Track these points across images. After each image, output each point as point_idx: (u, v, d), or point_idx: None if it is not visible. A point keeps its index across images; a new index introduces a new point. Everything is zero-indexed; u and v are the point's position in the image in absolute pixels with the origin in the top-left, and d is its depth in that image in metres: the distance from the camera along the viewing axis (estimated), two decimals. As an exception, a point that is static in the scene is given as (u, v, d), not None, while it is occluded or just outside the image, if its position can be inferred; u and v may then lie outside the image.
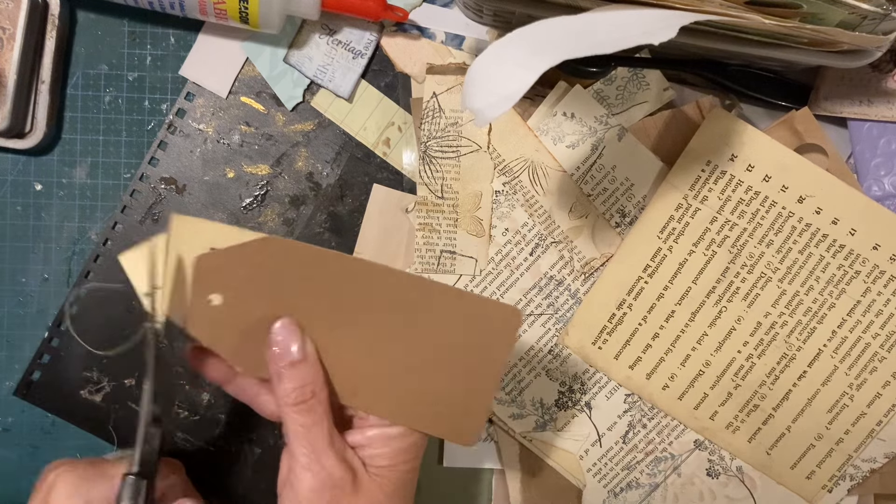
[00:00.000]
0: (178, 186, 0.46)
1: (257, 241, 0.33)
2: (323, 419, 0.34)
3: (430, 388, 0.35)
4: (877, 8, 0.34)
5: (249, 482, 0.47)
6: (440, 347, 0.34)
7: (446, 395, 0.35)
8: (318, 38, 0.46)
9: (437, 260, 0.45)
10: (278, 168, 0.46)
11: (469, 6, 0.40)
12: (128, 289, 0.35)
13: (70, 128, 0.46)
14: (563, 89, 0.44)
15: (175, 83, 0.46)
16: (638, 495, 0.46)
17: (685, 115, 0.44)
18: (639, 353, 0.45)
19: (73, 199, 0.47)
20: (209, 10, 0.42)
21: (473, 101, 0.30)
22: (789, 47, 0.37)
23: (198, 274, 0.33)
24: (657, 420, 0.45)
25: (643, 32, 0.29)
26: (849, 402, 0.44)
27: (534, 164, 0.45)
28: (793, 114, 0.43)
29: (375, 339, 0.34)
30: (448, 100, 0.45)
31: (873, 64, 0.40)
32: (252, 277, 0.34)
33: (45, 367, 0.46)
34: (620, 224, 0.45)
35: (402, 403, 0.35)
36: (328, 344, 0.34)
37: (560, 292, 0.45)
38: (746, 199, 0.43)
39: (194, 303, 0.34)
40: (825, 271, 0.43)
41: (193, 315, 0.34)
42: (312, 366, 0.34)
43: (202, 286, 0.34)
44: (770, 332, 0.44)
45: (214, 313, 0.34)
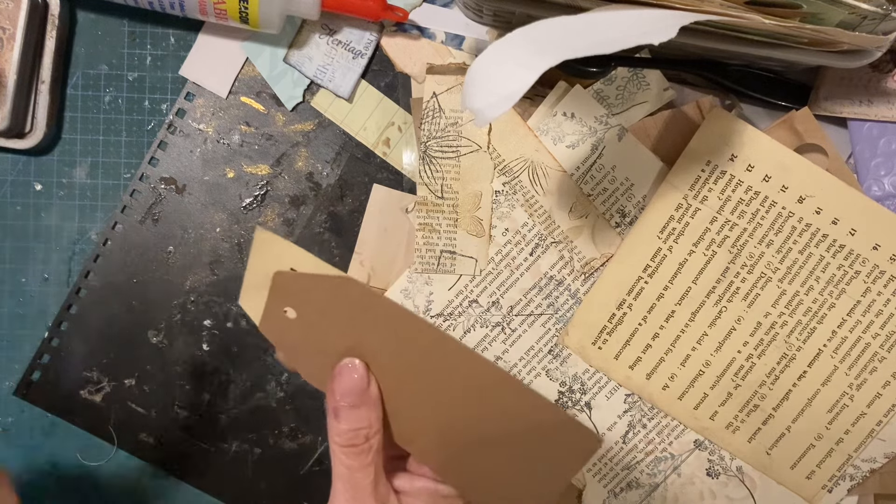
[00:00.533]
0: (178, 186, 0.46)
1: (338, 278, 0.32)
2: (370, 465, 0.33)
3: (487, 463, 0.34)
4: (877, 8, 0.34)
5: (249, 482, 0.47)
6: (508, 434, 0.33)
7: (502, 479, 0.34)
8: (318, 38, 0.46)
9: (437, 260, 0.45)
10: (278, 168, 0.46)
11: (469, 6, 0.40)
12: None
13: (70, 128, 0.46)
14: (563, 89, 0.44)
15: (175, 83, 0.46)
16: (638, 495, 0.46)
17: (685, 115, 0.44)
18: (639, 353, 0.45)
19: (73, 199, 0.47)
20: (209, 10, 0.42)
21: (473, 101, 0.30)
22: (789, 47, 0.37)
23: (276, 285, 0.33)
24: (657, 420, 0.45)
25: (643, 32, 0.29)
26: (849, 402, 0.44)
27: (534, 164, 0.45)
28: (793, 114, 0.43)
29: (443, 401, 0.33)
30: (448, 100, 0.45)
31: (873, 64, 0.39)
32: (327, 309, 0.33)
33: (45, 367, 0.46)
34: (620, 224, 0.45)
35: (458, 467, 0.34)
36: (392, 387, 0.34)
37: (560, 292, 0.45)
38: (746, 199, 0.43)
39: (269, 307, 0.34)
40: (825, 271, 0.43)
41: (266, 317, 0.34)
42: (372, 411, 0.33)
43: (279, 297, 0.33)
44: (770, 332, 0.44)
45: (287, 323, 0.34)
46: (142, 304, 0.47)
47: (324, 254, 0.47)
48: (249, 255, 0.34)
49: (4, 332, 0.47)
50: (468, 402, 0.33)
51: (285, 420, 0.47)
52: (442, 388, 0.33)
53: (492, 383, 0.32)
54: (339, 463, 0.33)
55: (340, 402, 0.33)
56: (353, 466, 0.33)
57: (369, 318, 0.33)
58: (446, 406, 0.33)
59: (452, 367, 0.32)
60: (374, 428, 0.33)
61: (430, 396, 0.33)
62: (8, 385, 0.47)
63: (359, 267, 0.46)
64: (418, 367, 0.33)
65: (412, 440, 0.35)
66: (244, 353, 0.47)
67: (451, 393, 0.33)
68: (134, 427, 0.47)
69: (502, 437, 0.33)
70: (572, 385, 0.45)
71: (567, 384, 0.45)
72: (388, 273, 0.46)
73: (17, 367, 0.47)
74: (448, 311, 0.45)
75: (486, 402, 0.33)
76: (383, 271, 0.46)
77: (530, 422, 0.32)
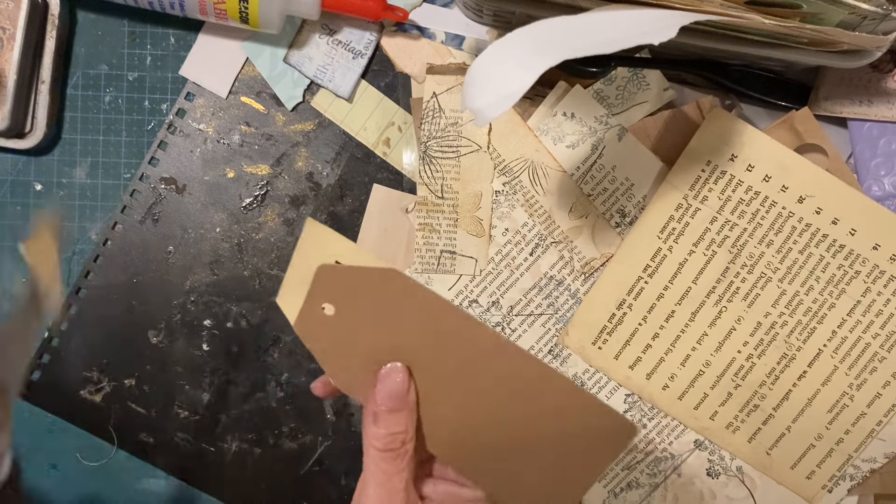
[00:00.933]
0: (178, 186, 0.46)
1: (383, 270, 0.32)
2: (405, 470, 0.33)
3: (518, 464, 0.34)
4: (877, 8, 0.34)
5: (249, 482, 0.47)
6: (541, 432, 0.33)
7: (533, 478, 0.34)
8: (318, 38, 0.46)
9: (437, 260, 0.45)
10: (278, 168, 0.46)
11: (469, 6, 0.40)
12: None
13: (70, 128, 0.46)
14: (563, 89, 0.44)
15: (175, 83, 0.46)
16: (638, 495, 0.46)
17: (685, 115, 0.44)
18: (639, 353, 0.45)
19: (73, 199, 0.47)
20: (209, 10, 0.42)
21: (473, 101, 0.30)
22: (789, 47, 0.37)
23: (318, 280, 0.33)
24: (657, 420, 0.45)
25: (643, 32, 0.29)
26: (849, 402, 0.44)
27: (534, 164, 0.45)
28: (793, 114, 0.43)
29: (476, 401, 0.33)
30: (448, 100, 0.45)
31: (873, 64, 0.39)
32: (369, 303, 0.33)
33: (45, 367, 0.46)
34: (620, 224, 0.45)
35: (485, 468, 0.34)
36: (426, 390, 0.33)
37: (560, 292, 0.45)
38: (746, 199, 0.43)
39: (307, 304, 0.33)
40: (825, 271, 0.43)
41: (303, 315, 0.34)
42: (410, 415, 0.33)
43: (319, 292, 0.33)
44: (770, 332, 0.44)
45: (324, 321, 0.34)
46: (142, 304, 0.47)
47: (324, 254, 0.47)
48: (295, 249, 0.33)
49: (4, 332, 0.47)
50: (501, 400, 0.33)
51: (285, 420, 0.47)
52: (476, 386, 0.33)
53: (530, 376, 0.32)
54: (375, 467, 0.33)
55: (381, 405, 0.33)
56: (390, 471, 0.33)
57: (409, 314, 0.32)
58: (479, 405, 0.33)
59: (489, 362, 0.32)
60: (409, 433, 0.33)
61: (463, 396, 0.33)
62: (8, 385, 0.47)
63: (359, 267, 0.46)
64: (454, 365, 0.33)
65: (441, 442, 0.34)
66: (244, 353, 0.47)
67: (485, 391, 0.33)
68: (134, 427, 0.47)
69: (536, 433, 0.33)
70: (572, 385, 0.45)
71: (567, 384, 0.45)
72: (388, 273, 0.46)
73: (17, 367, 0.47)
74: (448, 311, 0.45)
75: (522, 397, 0.32)
76: (383, 271, 0.46)
77: (565, 414, 0.32)
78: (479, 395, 0.33)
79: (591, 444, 0.32)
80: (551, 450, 0.33)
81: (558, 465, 0.33)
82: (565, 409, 0.32)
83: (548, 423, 0.32)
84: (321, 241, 0.33)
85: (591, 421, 0.32)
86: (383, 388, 0.33)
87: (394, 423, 0.33)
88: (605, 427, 0.32)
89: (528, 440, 0.33)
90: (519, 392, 0.32)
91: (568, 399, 0.32)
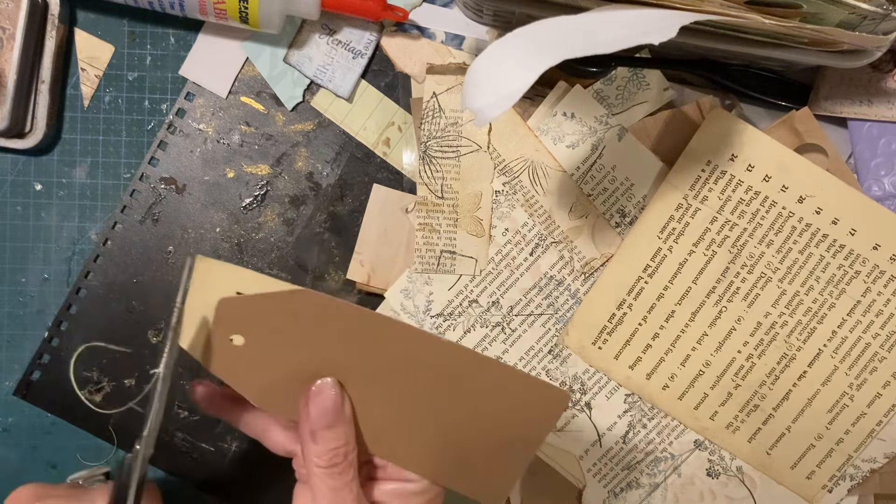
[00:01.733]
0: (178, 186, 0.46)
1: (289, 292, 0.32)
2: (352, 482, 0.33)
3: (460, 448, 0.34)
4: (877, 8, 0.34)
5: (250, 482, 0.47)
6: (478, 413, 0.33)
7: (476, 458, 0.34)
8: (318, 38, 0.46)
9: (437, 260, 0.45)
10: (278, 168, 0.46)
11: (469, 6, 0.40)
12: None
13: (70, 128, 0.46)
14: (563, 89, 0.44)
15: (175, 83, 0.46)
16: (638, 495, 0.46)
17: (685, 115, 0.44)
18: (639, 353, 0.45)
19: (73, 199, 0.47)
20: (209, 10, 0.42)
21: (473, 101, 0.30)
22: (789, 47, 0.37)
23: (221, 314, 0.33)
24: (657, 420, 0.45)
25: (643, 32, 0.29)
26: (849, 402, 0.44)
27: (534, 164, 0.45)
28: (793, 114, 0.43)
29: (408, 396, 0.33)
30: (448, 100, 0.45)
31: (873, 64, 0.40)
32: (282, 326, 0.33)
33: (45, 367, 0.46)
34: (620, 224, 0.45)
35: (428, 457, 0.34)
36: (359, 396, 0.34)
37: (560, 292, 0.45)
38: (746, 199, 0.43)
39: (215, 341, 0.33)
40: (825, 271, 0.43)
41: (213, 353, 0.34)
42: (348, 427, 0.33)
43: (225, 326, 0.33)
44: (770, 332, 0.44)
45: (236, 353, 0.33)
46: (142, 304, 0.46)
47: (324, 254, 0.47)
48: (189, 290, 0.32)
49: (4, 332, 0.47)
50: (435, 390, 0.33)
51: (285, 420, 0.47)
52: (408, 382, 0.33)
53: (458, 365, 0.32)
54: (322, 485, 0.33)
55: (317, 423, 0.33)
56: (336, 486, 0.33)
57: (328, 327, 0.32)
58: (414, 400, 0.33)
59: (418, 357, 0.32)
60: (350, 444, 0.33)
61: (395, 396, 0.33)
62: (8, 385, 0.47)
63: (359, 267, 0.46)
64: (383, 367, 0.33)
65: (378, 440, 0.35)
66: (244, 353, 0.47)
67: (418, 385, 0.33)
68: (134, 427, 0.47)
69: (474, 416, 0.33)
70: (572, 385, 0.45)
71: (567, 384, 0.45)
72: (388, 273, 0.46)
73: (17, 367, 0.47)
74: (448, 311, 0.45)
75: (455, 385, 0.33)
76: (383, 271, 0.46)
77: (499, 393, 0.33)
78: (412, 390, 0.33)
79: (528, 417, 0.33)
80: (490, 429, 0.34)
81: (499, 443, 0.34)
82: (498, 389, 0.33)
83: (483, 405, 0.33)
84: (216, 276, 0.32)
85: (524, 395, 0.33)
86: (316, 405, 0.33)
87: (332, 439, 0.33)
88: (539, 399, 0.32)
89: (467, 424, 0.34)
90: (451, 380, 0.33)
91: (498, 378, 0.32)
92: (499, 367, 0.33)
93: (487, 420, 0.33)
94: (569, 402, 0.34)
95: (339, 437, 0.33)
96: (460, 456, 0.34)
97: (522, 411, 0.33)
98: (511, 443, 0.34)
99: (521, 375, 0.33)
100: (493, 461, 0.34)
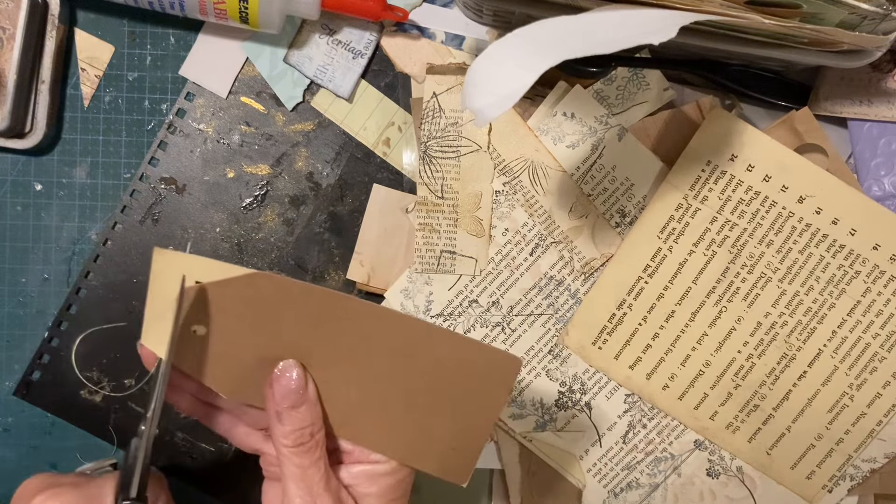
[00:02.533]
0: (178, 186, 0.46)
1: (248, 276, 0.32)
2: (320, 461, 0.34)
3: (423, 425, 0.35)
4: (877, 8, 0.34)
5: (249, 482, 0.47)
6: (436, 388, 0.34)
7: (439, 434, 0.35)
8: (318, 38, 0.46)
9: (437, 260, 0.45)
10: (278, 168, 0.46)
11: (469, 6, 0.40)
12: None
13: (70, 128, 0.46)
14: (563, 89, 0.44)
15: (175, 83, 0.46)
16: (638, 495, 0.46)
17: (685, 115, 0.44)
18: (639, 353, 0.45)
19: (73, 199, 0.47)
20: (209, 10, 0.42)
21: (473, 101, 0.30)
22: (789, 47, 0.37)
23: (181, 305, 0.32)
24: (657, 420, 0.45)
25: (643, 32, 0.29)
26: (849, 402, 0.44)
27: (534, 164, 0.45)
28: (793, 114, 0.43)
29: (369, 376, 0.34)
30: (448, 100, 0.45)
31: (873, 64, 0.39)
32: (243, 312, 0.33)
33: (45, 367, 0.46)
34: (620, 224, 0.45)
35: (394, 438, 0.35)
36: (320, 378, 0.34)
37: (560, 292, 0.45)
38: (746, 199, 0.43)
39: (178, 332, 0.33)
40: (825, 271, 0.43)
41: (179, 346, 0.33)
42: (313, 407, 0.34)
43: (187, 317, 0.33)
44: (770, 332, 0.44)
45: (199, 344, 0.34)
46: (142, 304, 0.46)
47: (324, 254, 0.47)
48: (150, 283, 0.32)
49: (4, 332, 0.47)
50: (391, 367, 0.33)
51: (285, 420, 0.47)
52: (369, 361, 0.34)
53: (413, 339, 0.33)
54: (289, 464, 0.33)
55: (281, 405, 0.33)
56: (303, 464, 0.33)
57: (289, 310, 0.33)
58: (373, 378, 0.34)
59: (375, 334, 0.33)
60: (317, 424, 0.34)
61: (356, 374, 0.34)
62: (8, 385, 0.47)
63: (359, 267, 0.46)
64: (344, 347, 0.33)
65: (344, 423, 0.35)
66: (244, 353, 0.47)
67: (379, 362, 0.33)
68: (134, 427, 0.47)
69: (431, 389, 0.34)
70: (572, 385, 0.45)
71: (567, 384, 0.45)
72: (388, 273, 0.46)
73: (17, 367, 0.47)
74: (448, 310, 0.45)
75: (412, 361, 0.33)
76: (383, 271, 0.46)
77: (452, 363, 0.33)
78: (372, 369, 0.34)
79: (484, 386, 0.33)
80: (449, 403, 0.34)
81: (459, 416, 0.34)
82: (452, 360, 0.33)
83: (440, 379, 0.33)
84: (175, 268, 0.32)
85: (478, 364, 0.33)
86: (280, 387, 0.34)
87: (298, 419, 0.33)
88: (492, 367, 0.33)
89: (427, 400, 0.34)
90: (407, 357, 0.33)
91: (452, 349, 0.33)
92: (450, 336, 0.33)
93: (445, 394, 0.34)
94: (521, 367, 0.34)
95: (305, 417, 0.33)
96: (424, 435, 0.35)
97: (478, 382, 0.33)
98: (470, 415, 0.34)
99: (472, 344, 0.34)
100: (456, 437, 0.35)
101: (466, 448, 0.35)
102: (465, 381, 0.34)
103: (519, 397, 0.45)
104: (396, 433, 0.35)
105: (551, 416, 0.46)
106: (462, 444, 0.35)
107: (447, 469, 0.36)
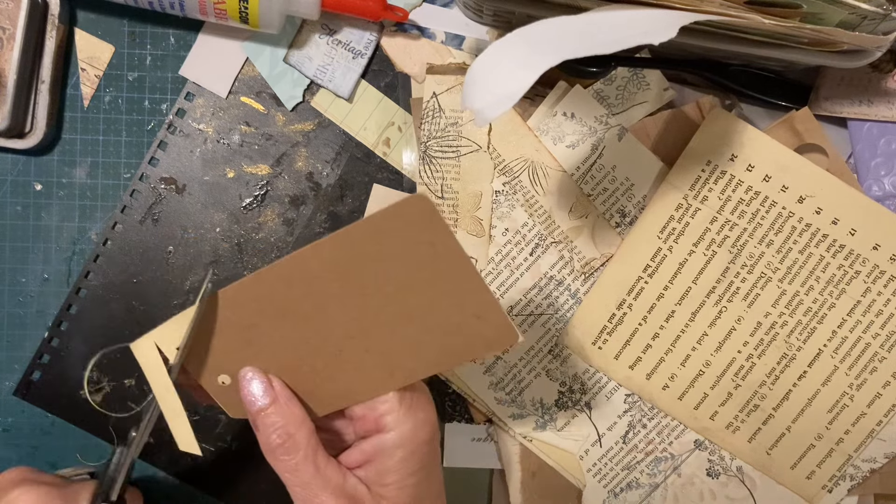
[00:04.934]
0: (178, 186, 0.46)
1: (196, 312, 0.33)
2: (308, 456, 0.33)
3: (424, 328, 0.32)
4: (877, 8, 0.34)
5: (250, 482, 0.47)
6: (400, 285, 0.30)
7: (445, 323, 0.31)
8: (318, 38, 0.46)
9: (437, 260, 0.45)
10: (278, 168, 0.46)
11: (469, 6, 0.40)
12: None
13: (70, 128, 0.46)
14: (563, 89, 0.44)
15: (175, 83, 0.46)
16: (638, 495, 0.46)
17: (685, 115, 0.44)
18: (639, 353, 0.45)
19: (73, 199, 0.47)
20: (209, 10, 0.42)
21: (473, 101, 0.30)
22: (789, 47, 0.37)
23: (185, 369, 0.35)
24: (657, 420, 0.45)
25: (643, 32, 0.29)
26: (849, 402, 0.44)
27: (534, 164, 0.45)
28: (793, 114, 0.43)
29: (333, 327, 0.32)
30: (448, 100, 0.45)
31: (873, 64, 0.40)
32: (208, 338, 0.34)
33: (45, 367, 0.46)
34: (620, 224, 0.45)
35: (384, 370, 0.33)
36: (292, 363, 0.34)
37: (560, 292, 0.45)
38: (746, 199, 0.43)
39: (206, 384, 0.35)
40: (825, 271, 0.43)
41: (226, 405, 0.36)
42: (283, 406, 0.34)
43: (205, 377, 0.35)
44: (770, 332, 0.44)
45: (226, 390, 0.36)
46: (142, 304, 0.46)
47: (324, 254, 0.47)
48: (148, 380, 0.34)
49: (4, 332, 0.47)
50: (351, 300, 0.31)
51: (285, 420, 0.47)
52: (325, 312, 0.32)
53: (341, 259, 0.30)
54: (280, 465, 0.34)
55: (251, 411, 0.34)
56: (291, 464, 0.33)
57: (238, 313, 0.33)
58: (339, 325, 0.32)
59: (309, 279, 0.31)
60: (292, 423, 0.33)
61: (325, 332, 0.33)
62: (8, 385, 0.47)
63: (359, 267, 0.46)
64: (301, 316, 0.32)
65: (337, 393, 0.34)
66: (244, 353, 0.47)
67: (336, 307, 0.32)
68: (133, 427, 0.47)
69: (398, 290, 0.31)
70: (572, 385, 0.45)
71: (567, 384, 0.45)
72: (388, 273, 0.46)
73: (17, 367, 0.47)
74: (448, 311, 0.45)
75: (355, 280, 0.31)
76: (383, 271, 0.46)
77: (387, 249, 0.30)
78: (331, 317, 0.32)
79: (425, 247, 0.29)
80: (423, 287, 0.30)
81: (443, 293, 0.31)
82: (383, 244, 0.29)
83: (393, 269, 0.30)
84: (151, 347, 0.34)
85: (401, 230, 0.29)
86: (244, 396, 0.34)
87: (269, 422, 0.33)
88: (412, 220, 0.29)
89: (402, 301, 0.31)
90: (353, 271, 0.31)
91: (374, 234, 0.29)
92: (357, 227, 0.29)
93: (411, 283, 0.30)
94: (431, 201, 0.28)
95: (276, 419, 0.33)
96: (430, 336, 0.32)
97: (417, 248, 0.29)
98: (448, 282, 0.30)
99: (379, 215, 0.29)
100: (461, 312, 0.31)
101: (483, 312, 0.31)
102: (412, 256, 0.29)
103: (519, 397, 0.45)
104: (397, 358, 0.33)
105: (551, 416, 0.46)
106: (475, 313, 0.31)
107: (488, 339, 0.31)
